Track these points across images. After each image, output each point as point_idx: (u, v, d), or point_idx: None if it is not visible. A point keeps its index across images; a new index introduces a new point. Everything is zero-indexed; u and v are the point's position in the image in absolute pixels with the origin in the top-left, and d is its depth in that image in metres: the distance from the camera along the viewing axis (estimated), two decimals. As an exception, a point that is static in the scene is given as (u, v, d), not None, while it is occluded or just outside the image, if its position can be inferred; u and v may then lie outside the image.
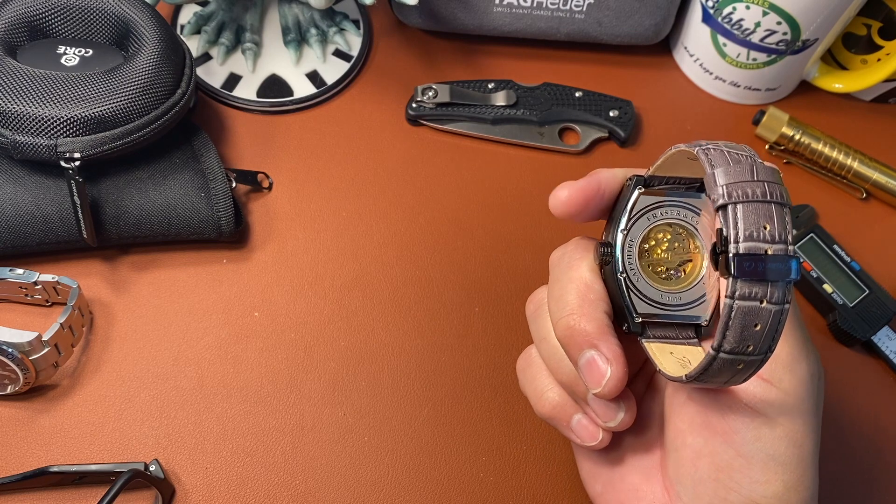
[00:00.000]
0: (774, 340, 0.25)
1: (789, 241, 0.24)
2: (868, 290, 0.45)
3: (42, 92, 0.39)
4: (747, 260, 0.24)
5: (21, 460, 0.38)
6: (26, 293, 0.41)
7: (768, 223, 0.24)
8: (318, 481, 0.39)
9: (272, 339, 0.42)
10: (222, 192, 0.43)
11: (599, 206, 0.30)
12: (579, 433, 0.31)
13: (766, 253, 0.24)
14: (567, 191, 0.30)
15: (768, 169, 0.25)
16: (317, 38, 0.51)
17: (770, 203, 0.24)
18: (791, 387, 0.27)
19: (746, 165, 0.25)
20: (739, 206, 0.24)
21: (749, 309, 0.24)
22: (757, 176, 0.24)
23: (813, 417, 0.28)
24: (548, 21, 0.51)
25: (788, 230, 0.24)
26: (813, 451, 0.28)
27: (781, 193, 0.24)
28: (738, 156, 0.25)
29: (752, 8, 0.47)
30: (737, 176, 0.24)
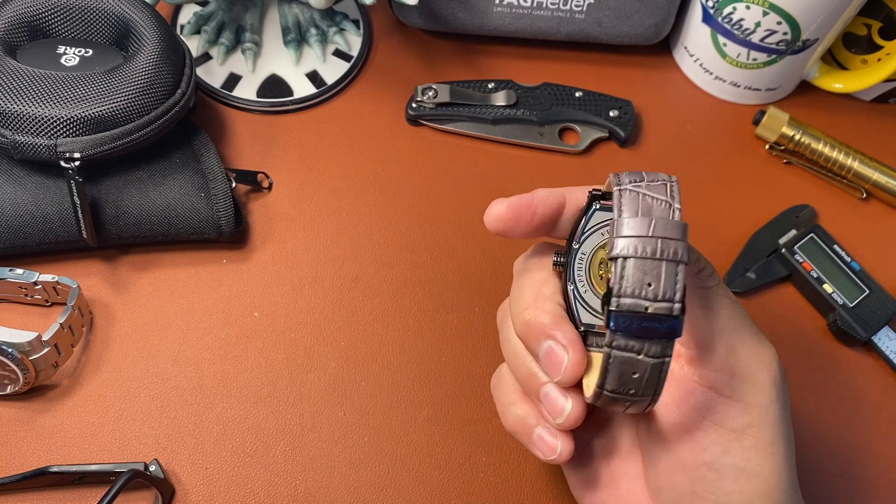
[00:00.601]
0: (659, 386, 0.26)
1: (676, 299, 0.24)
2: (868, 290, 0.45)
3: (42, 92, 0.39)
4: (624, 317, 0.25)
5: (21, 460, 0.38)
6: (26, 293, 0.41)
7: (654, 281, 0.24)
8: (318, 481, 0.39)
9: (272, 339, 0.42)
10: (222, 192, 0.43)
11: (531, 224, 0.31)
12: (540, 446, 0.31)
13: (645, 310, 0.24)
14: (499, 207, 0.31)
15: (671, 224, 0.25)
16: (317, 38, 0.51)
17: (661, 261, 0.24)
18: (754, 399, 0.28)
19: (647, 220, 0.25)
20: (629, 260, 0.25)
21: (626, 359, 0.25)
22: (653, 231, 0.24)
23: (781, 423, 0.28)
24: (548, 21, 0.51)
25: (677, 289, 0.24)
26: (785, 456, 0.28)
27: (676, 250, 0.24)
28: (650, 203, 0.25)
29: (753, 8, 0.47)
30: (634, 229, 0.25)
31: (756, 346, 0.28)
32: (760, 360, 0.28)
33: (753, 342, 0.28)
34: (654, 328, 0.25)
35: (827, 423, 0.42)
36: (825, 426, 0.42)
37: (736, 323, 0.28)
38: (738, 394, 0.28)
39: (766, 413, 0.28)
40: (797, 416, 0.42)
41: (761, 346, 0.29)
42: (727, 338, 0.28)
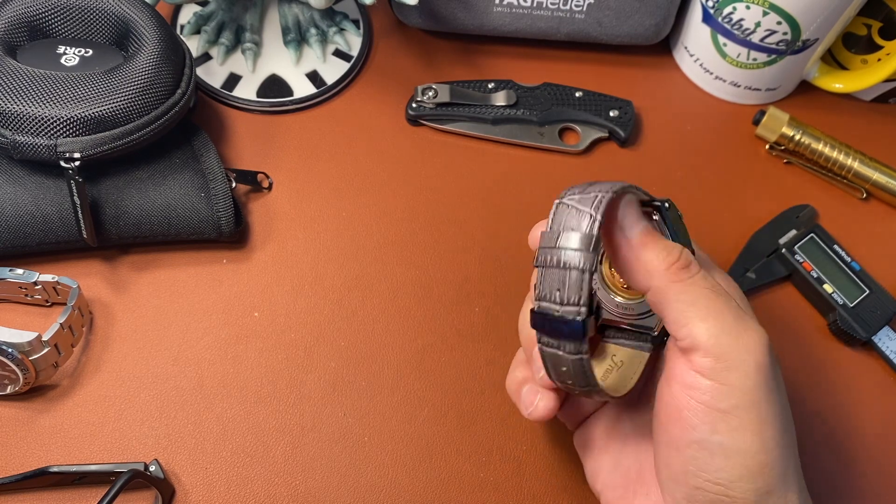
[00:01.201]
0: (589, 377, 0.29)
1: (581, 303, 0.27)
2: (868, 290, 0.45)
3: (42, 92, 0.39)
4: (539, 318, 0.29)
5: (21, 460, 0.38)
6: (26, 293, 0.41)
7: (561, 287, 0.28)
8: (318, 481, 0.39)
9: (272, 339, 0.42)
10: (222, 192, 0.43)
11: None
12: (523, 400, 0.35)
13: (555, 313, 0.28)
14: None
15: (574, 236, 0.27)
16: (317, 38, 0.51)
17: (565, 270, 0.27)
18: (738, 381, 0.29)
19: (555, 233, 0.28)
20: (542, 269, 0.28)
21: (552, 354, 0.29)
22: (559, 243, 0.28)
23: (768, 405, 0.29)
24: (548, 21, 0.51)
25: (581, 295, 0.27)
26: (776, 436, 0.29)
27: (578, 260, 0.27)
28: (573, 216, 0.28)
29: (753, 8, 0.47)
30: (545, 241, 0.28)
31: (739, 331, 0.29)
32: (744, 345, 0.29)
33: (737, 327, 0.29)
34: (562, 329, 0.28)
35: (827, 423, 0.42)
36: (825, 426, 0.42)
37: (716, 310, 0.29)
38: (721, 377, 0.29)
39: (749, 394, 0.29)
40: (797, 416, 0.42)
41: (745, 330, 0.29)
42: (709, 326, 0.29)
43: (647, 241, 0.30)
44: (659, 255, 0.30)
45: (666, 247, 0.30)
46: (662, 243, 0.30)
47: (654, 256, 0.30)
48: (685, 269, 0.30)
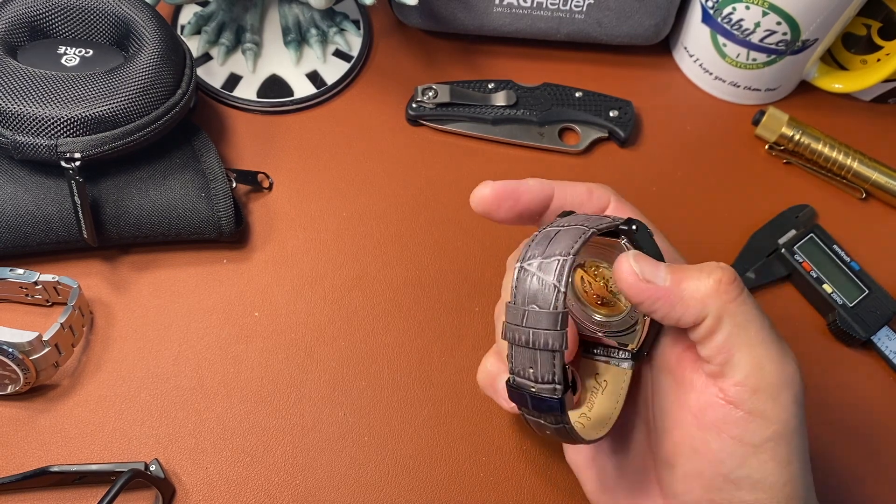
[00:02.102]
0: (574, 437, 0.28)
1: (556, 381, 0.26)
2: (868, 290, 0.45)
3: (42, 92, 0.39)
4: (515, 393, 0.28)
5: (21, 460, 0.38)
6: (27, 293, 0.41)
7: (532, 366, 0.27)
8: (318, 481, 0.39)
9: (272, 339, 0.42)
10: (222, 192, 0.43)
11: (513, 210, 0.32)
12: (503, 395, 0.33)
13: (531, 390, 0.27)
14: (485, 189, 0.32)
15: (542, 315, 0.26)
16: (317, 38, 0.51)
17: (535, 350, 0.26)
18: (775, 414, 0.28)
19: (521, 311, 0.27)
20: (513, 346, 0.27)
21: (535, 422, 0.29)
22: (526, 322, 0.26)
23: (798, 435, 0.28)
24: (548, 21, 0.51)
25: (554, 373, 0.26)
26: (801, 466, 0.28)
27: (547, 341, 0.26)
28: (536, 286, 0.27)
29: (752, 8, 0.47)
30: (512, 318, 0.27)
31: (781, 362, 0.28)
32: (784, 377, 0.28)
33: (779, 357, 0.28)
34: (540, 405, 0.27)
35: (826, 423, 0.42)
36: (825, 426, 0.42)
37: (764, 337, 0.28)
38: (758, 410, 0.28)
39: (785, 428, 0.28)
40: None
41: (786, 361, 0.28)
42: (753, 353, 0.28)
43: (680, 275, 0.28)
44: (700, 279, 0.28)
45: (702, 269, 0.28)
46: (696, 269, 0.28)
47: (697, 285, 0.28)
48: (734, 284, 0.28)
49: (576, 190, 0.33)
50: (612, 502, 0.34)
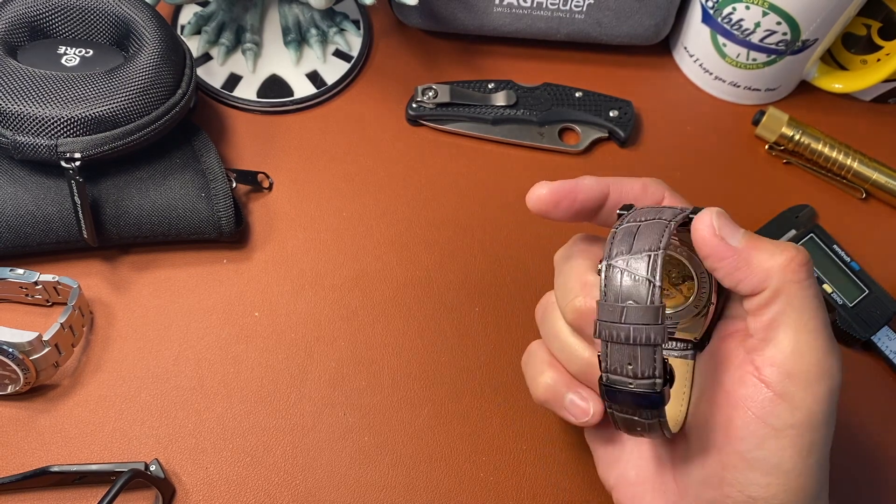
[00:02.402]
0: (665, 431, 0.28)
1: (656, 375, 0.26)
2: (868, 290, 0.45)
3: (42, 92, 0.39)
4: (611, 391, 0.28)
5: (21, 460, 0.38)
6: (27, 293, 0.41)
7: (633, 362, 0.27)
8: (318, 481, 0.39)
9: (272, 339, 0.42)
10: (222, 192, 0.43)
11: (570, 210, 0.33)
12: (572, 411, 0.33)
13: (629, 387, 0.27)
14: (541, 189, 0.32)
15: (641, 310, 0.26)
16: (317, 38, 0.51)
17: (635, 346, 0.26)
18: (803, 403, 0.28)
19: (620, 308, 0.26)
20: (609, 344, 0.27)
21: (625, 419, 0.29)
22: (625, 319, 0.26)
23: (824, 429, 0.28)
24: (548, 21, 0.51)
25: (655, 367, 0.26)
26: (820, 459, 0.28)
27: (648, 335, 0.26)
28: (629, 284, 0.27)
29: (752, 8, 0.47)
30: (608, 315, 0.27)
31: (823, 354, 0.28)
32: (822, 369, 0.28)
33: (823, 349, 0.28)
34: (639, 402, 0.27)
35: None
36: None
37: (814, 326, 0.28)
38: (788, 394, 0.28)
39: (811, 419, 0.28)
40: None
41: (829, 354, 0.28)
42: (798, 337, 0.28)
43: (755, 243, 0.29)
44: (774, 253, 0.28)
45: (778, 245, 0.29)
46: (773, 242, 0.29)
47: (768, 256, 0.28)
48: (804, 267, 0.28)
49: (631, 186, 0.33)
50: (620, 478, 0.34)
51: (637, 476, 0.33)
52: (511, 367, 0.43)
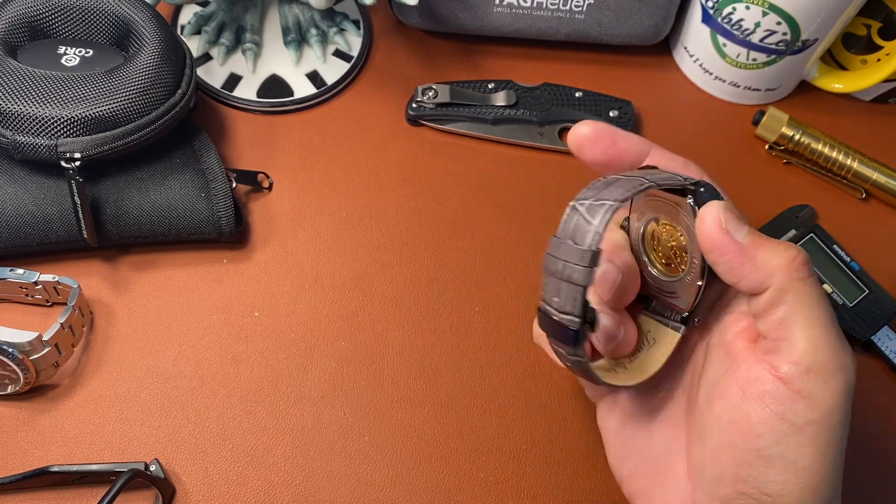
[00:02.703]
0: (592, 375, 0.30)
1: (574, 314, 0.28)
2: (868, 290, 0.45)
3: (42, 92, 0.39)
4: (542, 317, 0.30)
5: (21, 460, 0.38)
6: (27, 293, 0.41)
7: (557, 296, 0.28)
8: (318, 481, 0.39)
9: (272, 339, 0.42)
10: (222, 192, 0.43)
11: (606, 152, 0.32)
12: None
13: (553, 317, 0.29)
14: (585, 128, 0.32)
15: (573, 250, 0.27)
16: (317, 38, 0.51)
17: (562, 281, 0.28)
18: (821, 399, 0.27)
19: (559, 242, 0.28)
20: (546, 274, 0.29)
21: (558, 352, 0.31)
22: (559, 254, 0.28)
23: (841, 426, 0.28)
24: (548, 21, 0.51)
25: (575, 305, 0.28)
26: (836, 458, 0.28)
27: (571, 274, 0.27)
28: (578, 223, 0.28)
29: (752, 8, 0.47)
30: (552, 249, 0.28)
31: (837, 348, 0.28)
32: (838, 363, 0.28)
33: (837, 344, 0.28)
34: (558, 333, 0.29)
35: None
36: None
37: (825, 322, 0.28)
38: (807, 391, 0.27)
39: (830, 415, 0.28)
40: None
41: (843, 349, 0.28)
42: (813, 334, 0.28)
43: (759, 241, 0.29)
44: (777, 252, 0.28)
45: (781, 244, 0.29)
46: (775, 241, 0.29)
47: (772, 255, 0.28)
48: (806, 266, 0.28)
49: (672, 158, 0.33)
50: (632, 470, 0.34)
51: (649, 469, 0.33)
52: (511, 366, 0.43)
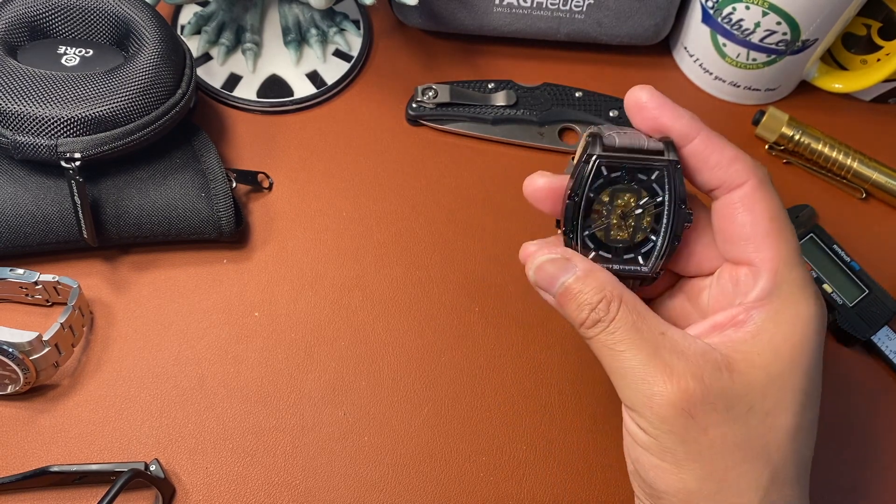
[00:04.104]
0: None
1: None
2: (868, 290, 0.45)
3: (42, 92, 0.39)
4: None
5: (21, 460, 0.38)
6: (27, 293, 0.41)
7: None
8: (318, 481, 0.39)
9: (272, 338, 0.42)
10: (222, 192, 0.43)
11: (654, 119, 0.32)
12: None
13: None
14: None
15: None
16: (317, 38, 0.51)
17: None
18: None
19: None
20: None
21: None
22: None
23: None
24: (548, 21, 0.51)
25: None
26: None
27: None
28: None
29: (752, 8, 0.47)
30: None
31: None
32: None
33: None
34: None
35: (826, 423, 0.42)
36: (824, 426, 0.42)
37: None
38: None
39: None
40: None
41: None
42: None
43: None
44: None
45: None
46: None
47: None
48: None
49: (721, 149, 0.33)
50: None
51: None
52: (511, 366, 0.43)
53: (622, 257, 0.32)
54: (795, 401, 0.29)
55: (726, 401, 0.28)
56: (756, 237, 0.30)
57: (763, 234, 0.30)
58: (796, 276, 0.30)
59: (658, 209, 0.32)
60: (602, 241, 0.32)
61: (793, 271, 0.30)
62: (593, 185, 0.31)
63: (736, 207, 0.31)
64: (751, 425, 0.29)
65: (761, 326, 0.29)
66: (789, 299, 0.30)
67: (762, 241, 0.30)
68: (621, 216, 0.32)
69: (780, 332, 0.29)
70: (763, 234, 0.30)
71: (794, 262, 0.30)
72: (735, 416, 0.28)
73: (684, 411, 0.28)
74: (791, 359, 0.29)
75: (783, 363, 0.29)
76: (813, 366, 0.30)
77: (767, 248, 0.30)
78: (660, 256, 0.32)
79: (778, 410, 0.29)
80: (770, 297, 0.30)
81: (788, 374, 0.29)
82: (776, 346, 0.29)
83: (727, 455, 0.29)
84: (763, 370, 0.29)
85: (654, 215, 0.32)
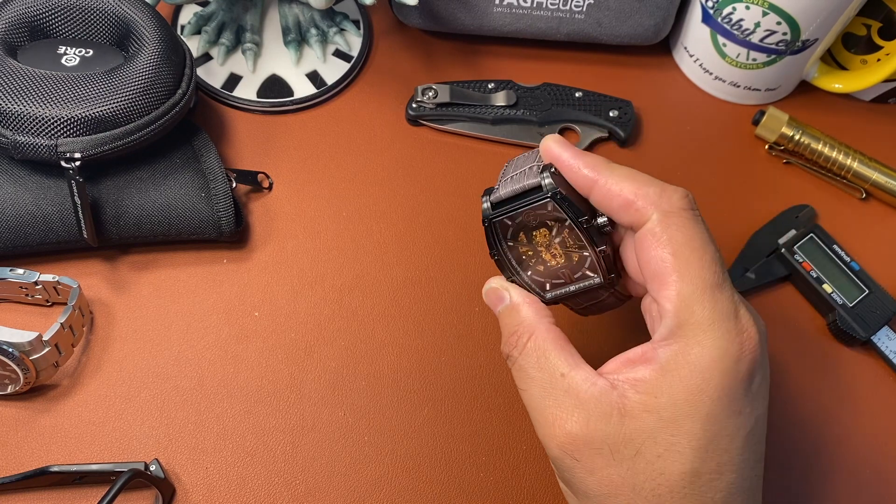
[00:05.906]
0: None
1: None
2: (868, 290, 0.45)
3: (42, 92, 0.39)
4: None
5: (21, 460, 0.38)
6: (27, 293, 0.41)
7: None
8: (318, 481, 0.39)
9: (272, 339, 0.42)
10: (222, 192, 0.43)
11: None
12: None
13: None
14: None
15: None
16: (317, 38, 0.51)
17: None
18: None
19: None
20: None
21: None
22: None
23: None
24: (548, 21, 0.51)
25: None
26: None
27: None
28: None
29: (752, 8, 0.47)
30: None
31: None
32: None
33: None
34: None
35: (826, 423, 0.42)
36: (824, 426, 0.42)
37: None
38: None
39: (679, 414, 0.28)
40: (795, 416, 0.42)
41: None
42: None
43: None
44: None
45: None
46: None
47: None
48: None
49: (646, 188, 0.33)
50: None
51: None
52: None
53: (573, 277, 0.33)
54: (690, 446, 0.28)
55: (611, 445, 0.28)
56: (658, 276, 0.29)
57: (663, 272, 0.29)
58: (701, 315, 0.28)
59: (571, 229, 0.32)
60: (544, 273, 0.33)
61: (697, 310, 0.28)
62: (503, 240, 0.34)
63: (640, 244, 0.30)
64: (638, 469, 0.28)
65: (664, 366, 0.28)
66: (691, 341, 0.28)
67: (664, 280, 0.29)
68: (546, 247, 0.33)
69: (678, 375, 0.28)
70: (664, 273, 0.29)
71: (700, 298, 0.28)
72: (620, 460, 0.28)
73: (568, 454, 0.29)
74: (687, 403, 0.28)
75: (677, 408, 0.28)
76: (718, 411, 0.28)
77: (669, 286, 0.29)
78: (600, 265, 0.32)
79: (669, 455, 0.28)
80: (674, 336, 0.29)
81: (683, 420, 0.28)
82: (672, 390, 0.28)
83: (615, 496, 0.28)
84: (655, 414, 0.28)
85: (574, 235, 0.32)
